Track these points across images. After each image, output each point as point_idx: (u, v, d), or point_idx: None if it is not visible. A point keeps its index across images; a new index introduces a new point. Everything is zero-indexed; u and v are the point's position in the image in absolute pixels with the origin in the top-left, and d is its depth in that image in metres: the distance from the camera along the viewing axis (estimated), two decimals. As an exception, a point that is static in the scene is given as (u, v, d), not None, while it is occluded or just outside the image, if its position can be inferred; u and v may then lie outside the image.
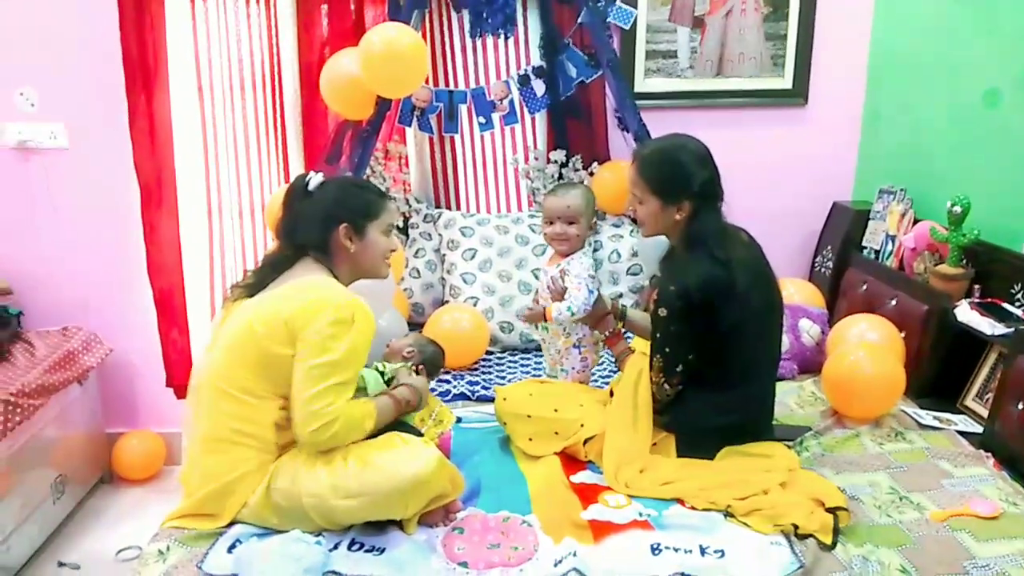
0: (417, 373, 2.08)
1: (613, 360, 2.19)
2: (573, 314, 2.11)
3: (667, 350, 1.92)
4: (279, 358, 1.68)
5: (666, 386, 1.94)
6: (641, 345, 2.08)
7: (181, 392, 3.17)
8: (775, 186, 3.19)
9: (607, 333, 2.15)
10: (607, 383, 2.30)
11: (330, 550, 1.64)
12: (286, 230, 1.87)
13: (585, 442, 2.00)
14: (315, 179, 1.87)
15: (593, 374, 2.34)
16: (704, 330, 1.88)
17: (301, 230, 1.83)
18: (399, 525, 1.71)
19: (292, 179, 1.94)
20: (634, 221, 3.08)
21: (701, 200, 1.93)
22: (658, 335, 1.93)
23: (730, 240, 1.94)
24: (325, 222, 1.82)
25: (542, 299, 2.23)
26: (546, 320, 2.14)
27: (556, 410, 2.05)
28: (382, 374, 1.99)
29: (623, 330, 2.21)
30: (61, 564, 2.66)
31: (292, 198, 1.89)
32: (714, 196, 1.95)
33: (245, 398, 1.70)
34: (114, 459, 3.18)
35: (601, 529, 1.72)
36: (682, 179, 1.92)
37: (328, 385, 1.66)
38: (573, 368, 2.25)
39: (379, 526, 1.70)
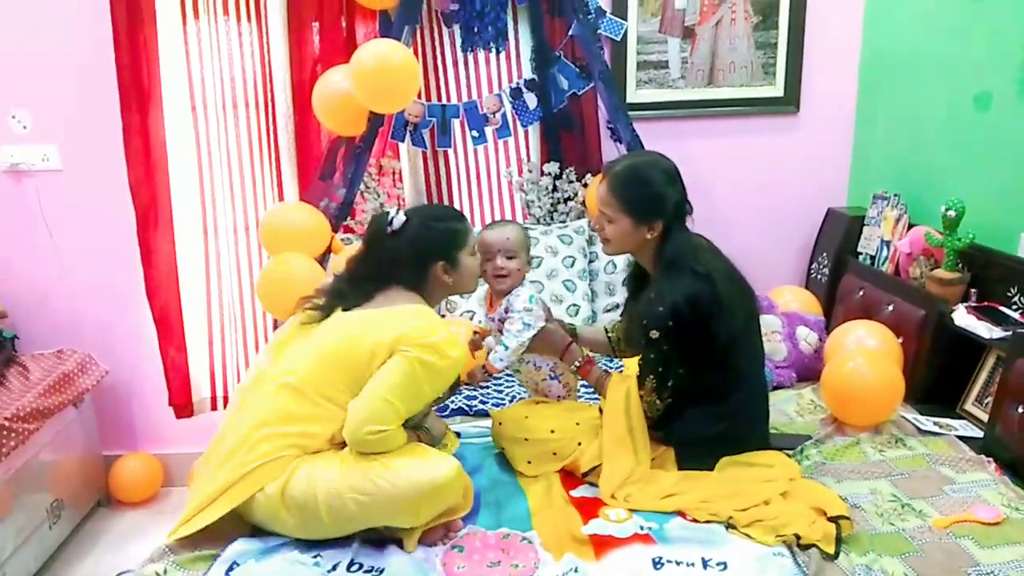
0: (443, 398, 2.08)
1: (592, 390, 2.13)
2: (507, 348, 2.03)
3: (660, 369, 1.90)
4: (371, 373, 1.72)
5: (657, 402, 1.93)
6: (630, 368, 2.02)
7: (181, 411, 3.16)
8: (769, 194, 3.19)
9: (577, 363, 2.09)
10: (596, 398, 2.22)
11: (328, 571, 1.62)
12: (372, 269, 1.88)
13: (585, 475, 1.97)
14: (398, 219, 1.87)
15: (579, 391, 2.29)
16: (698, 345, 1.87)
17: (393, 271, 1.86)
18: (398, 544, 1.69)
19: (370, 224, 1.96)
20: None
21: (673, 219, 1.92)
22: (651, 355, 1.90)
23: (702, 252, 1.94)
24: (420, 263, 1.86)
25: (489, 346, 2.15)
26: (491, 374, 2.07)
27: (553, 431, 2.02)
28: None
29: (591, 354, 2.15)
30: (58, 589, 2.64)
31: (375, 239, 1.90)
32: (684, 214, 1.95)
33: (322, 403, 1.73)
34: (111, 482, 3.16)
35: (602, 544, 1.70)
36: (656, 199, 1.91)
37: (399, 406, 1.72)
38: (558, 397, 2.20)
39: (378, 545, 1.68)
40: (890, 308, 2.52)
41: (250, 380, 2.00)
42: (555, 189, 3.10)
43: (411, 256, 1.85)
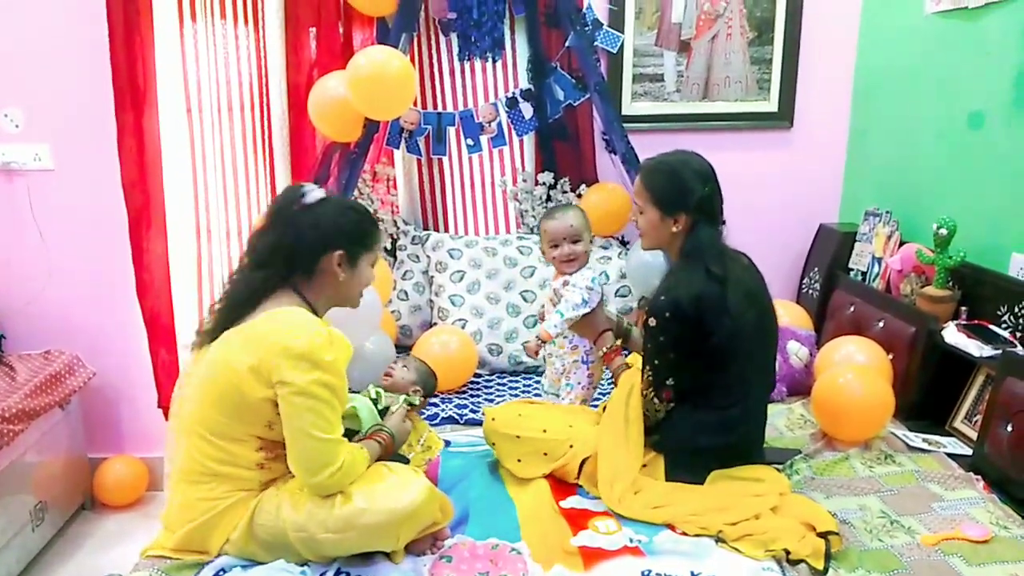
0: (421, 406, 2.05)
1: (611, 377, 2.18)
2: (563, 316, 2.13)
3: (656, 362, 1.91)
4: (253, 400, 1.60)
5: (655, 400, 1.93)
6: (637, 361, 2.06)
7: (170, 413, 3.13)
8: (762, 208, 3.19)
9: (604, 349, 2.16)
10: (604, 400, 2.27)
11: (315, 580, 1.60)
12: (272, 245, 1.70)
13: (580, 466, 1.97)
14: (313, 193, 1.72)
15: (596, 391, 2.32)
16: (694, 345, 1.87)
17: (291, 248, 1.69)
18: (386, 554, 1.67)
19: (282, 193, 1.78)
20: (622, 243, 3.09)
21: (698, 215, 1.94)
22: (648, 346, 1.92)
23: (728, 259, 1.94)
24: (321, 244, 1.69)
25: (547, 313, 2.24)
26: (545, 342, 2.15)
27: (545, 430, 2.03)
28: (375, 401, 1.95)
29: (622, 347, 2.21)
30: (40, 593, 2.61)
31: (282, 210, 1.72)
32: (712, 213, 1.96)
33: (222, 443, 1.63)
34: (96, 484, 3.13)
35: (591, 556, 1.69)
36: (681, 192, 1.94)
37: (331, 433, 1.61)
38: (579, 383, 2.24)
39: (365, 555, 1.66)
40: (880, 324, 2.53)
41: (173, 413, 1.84)
42: (549, 199, 3.10)
43: (313, 237, 1.68)
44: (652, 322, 1.89)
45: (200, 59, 2.97)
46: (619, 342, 2.19)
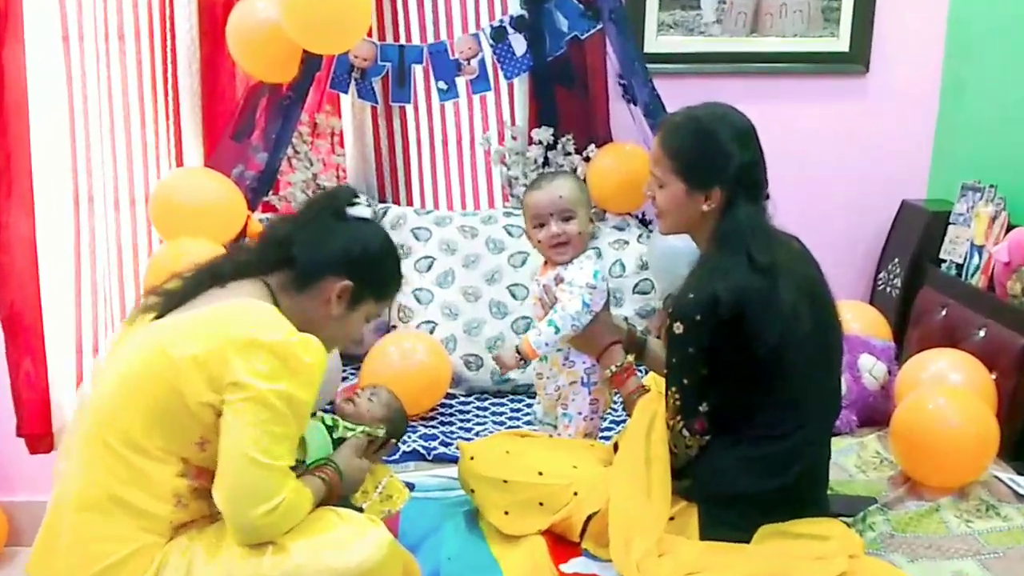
0: (385, 451, 2.05)
1: (621, 404, 2.17)
2: (558, 331, 2.09)
3: (684, 381, 1.90)
4: (191, 403, 1.60)
5: (685, 432, 1.92)
6: (657, 384, 2.05)
7: (35, 444, 3.09)
8: (826, 178, 3.22)
9: (613, 368, 2.14)
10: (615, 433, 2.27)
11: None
12: (285, 233, 1.83)
13: (586, 523, 1.97)
14: (361, 209, 1.87)
15: (604, 420, 2.33)
16: (733, 357, 1.87)
17: (304, 247, 1.78)
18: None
19: (330, 190, 2.00)
20: (643, 223, 3.08)
21: (737, 189, 1.93)
22: (673, 360, 1.91)
23: (776, 243, 1.94)
24: (336, 262, 1.78)
25: (537, 320, 2.21)
26: (527, 360, 2.11)
27: (541, 473, 2.02)
28: (330, 429, 1.94)
29: (636, 364, 2.19)
30: None
31: (319, 206, 1.90)
32: (755, 186, 1.96)
33: (135, 459, 1.62)
34: (-62, 538, 3.10)
35: (601, 637, 1.70)
36: (716, 159, 1.92)
37: (279, 460, 1.61)
38: (579, 413, 2.22)
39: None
40: (981, 334, 2.55)
41: (71, 431, 1.87)
42: (547, 162, 3.10)
43: (333, 249, 1.79)
44: (678, 328, 1.88)
45: (82, -29, 2.95)
46: (631, 358, 2.17)
